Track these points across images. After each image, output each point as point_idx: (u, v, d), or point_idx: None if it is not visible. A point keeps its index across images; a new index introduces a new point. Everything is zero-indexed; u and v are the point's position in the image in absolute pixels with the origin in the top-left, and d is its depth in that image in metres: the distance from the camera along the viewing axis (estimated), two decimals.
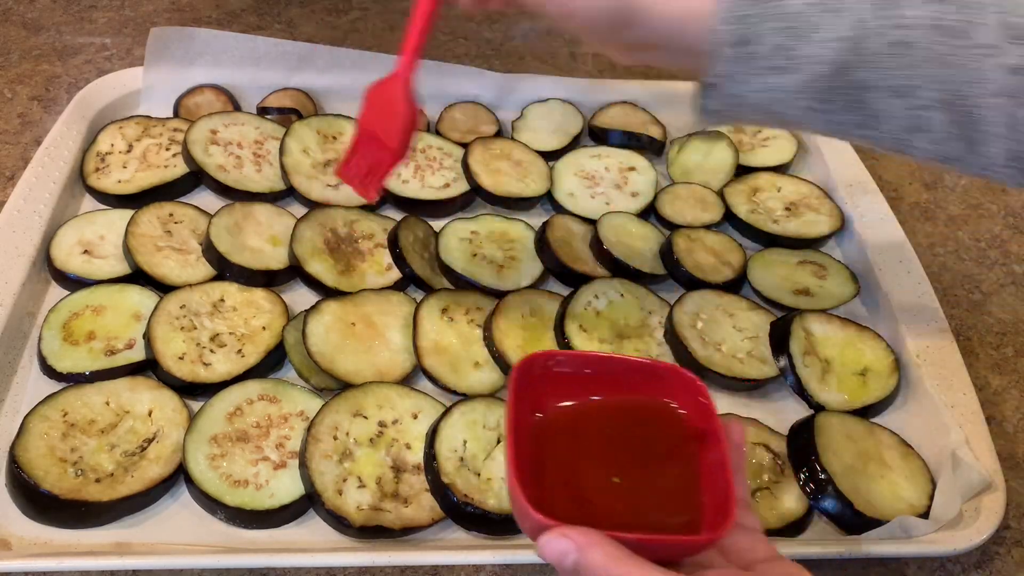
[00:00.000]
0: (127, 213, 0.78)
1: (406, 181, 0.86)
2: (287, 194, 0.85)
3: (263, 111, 0.92)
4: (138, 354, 0.69)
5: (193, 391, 0.67)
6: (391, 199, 0.85)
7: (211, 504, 0.60)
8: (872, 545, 0.61)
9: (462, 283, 0.77)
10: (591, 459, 0.51)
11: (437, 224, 0.83)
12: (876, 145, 0.55)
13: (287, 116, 0.91)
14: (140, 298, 0.72)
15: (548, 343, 0.73)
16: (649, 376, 0.53)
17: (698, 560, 0.47)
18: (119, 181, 0.83)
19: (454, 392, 0.69)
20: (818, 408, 0.70)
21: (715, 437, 0.50)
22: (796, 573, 0.46)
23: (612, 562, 0.42)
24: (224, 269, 0.75)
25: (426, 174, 0.87)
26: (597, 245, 0.81)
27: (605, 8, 0.54)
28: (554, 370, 0.53)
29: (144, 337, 0.69)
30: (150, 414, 0.65)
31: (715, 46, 0.51)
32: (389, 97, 0.63)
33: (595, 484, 0.50)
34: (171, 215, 0.79)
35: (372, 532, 0.59)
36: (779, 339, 0.73)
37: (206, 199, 0.84)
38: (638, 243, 0.82)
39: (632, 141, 0.94)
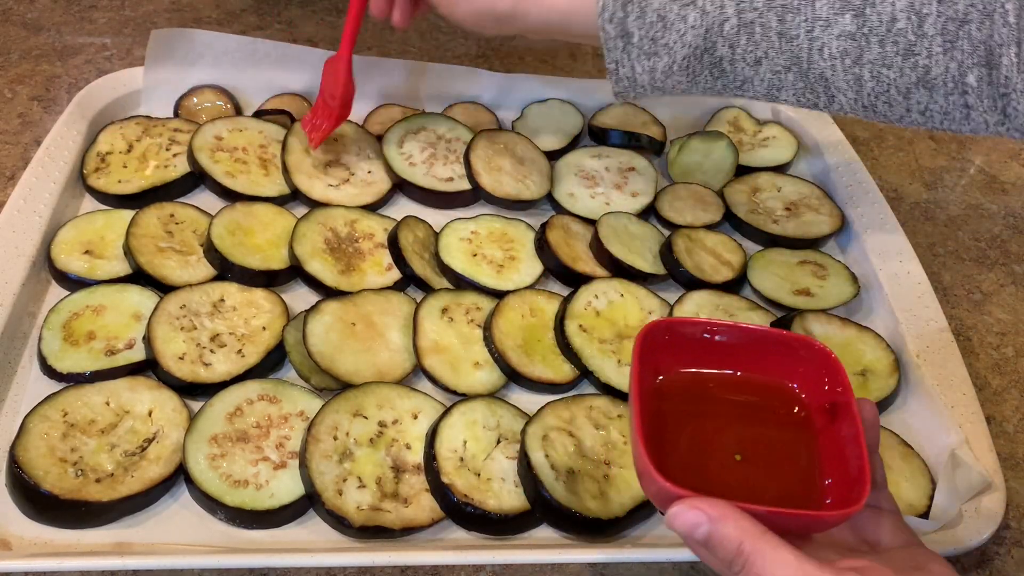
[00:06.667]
0: (128, 213, 0.78)
1: (414, 164, 0.86)
2: (294, 198, 0.85)
3: (259, 115, 0.92)
4: (138, 354, 0.69)
5: (193, 391, 0.67)
6: (390, 176, 0.86)
7: (211, 504, 0.60)
8: None
9: (462, 283, 0.77)
10: (714, 428, 0.51)
11: (436, 216, 0.83)
12: (752, 100, 0.67)
13: (282, 118, 0.91)
14: (140, 298, 0.72)
15: (548, 343, 0.73)
16: (778, 346, 0.52)
17: (830, 539, 0.46)
18: (119, 181, 0.83)
19: (454, 392, 0.69)
20: None
21: (848, 412, 0.48)
22: (940, 568, 0.44)
23: (747, 537, 0.41)
24: (226, 270, 0.75)
25: (436, 163, 0.87)
26: (597, 245, 0.81)
27: (489, 10, 0.68)
28: (679, 337, 0.52)
29: (144, 337, 0.69)
30: (150, 414, 0.65)
31: (604, 40, 0.64)
32: (335, 73, 0.83)
33: (716, 453, 0.49)
34: (172, 216, 0.79)
35: (372, 532, 0.60)
36: None
37: (207, 199, 0.84)
38: (638, 243, 0.82)
39: (632, 141, 0.94)
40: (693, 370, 0.53)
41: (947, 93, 0.58)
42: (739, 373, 0.53)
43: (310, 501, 0.61)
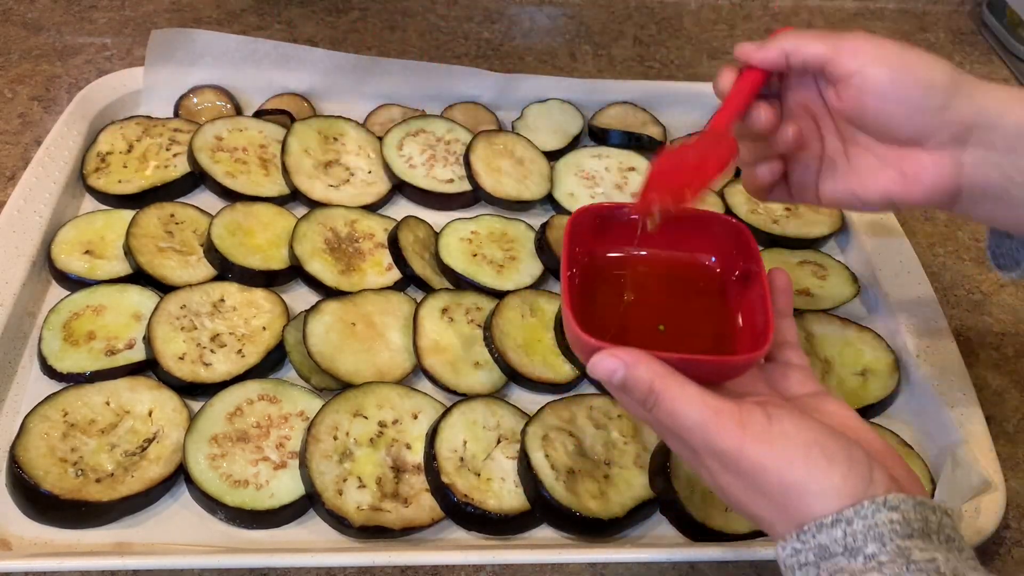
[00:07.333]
0: (128, 213, 0.78)
1: (414, 166, 0.86)
2: (294, 198, 0.85)
3: (259, 115, 0.92)
4: (138, 354, 0.69)
5: (193, 391, 0.67)
6: (390, 177, 0.86)
7: (211, 504, 0.60)
8: None
9: (462, 283, 0.77)
10: (639, 302, 0.55)
11: (436, 216, 0.83)
12: None
13: (282, 118, 0.91)
14: (140, 298, 0.72)
15: (548, 343, 0.73)
16: (695, 224, 0.57)
17: (742, 389, 0.50)
18: (119, 181, 0.83)
19: (454, 392, 0.69)
20: None
21: (757, 277, 0.53)
22: (839, 409, 0.48)
23: (657, 378, 0.45)
24: (226, 270, 0.75)
25: (436, 165, 0.87)
26: None
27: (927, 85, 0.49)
28: (606, 221, 0.57)
29: (144, 337, 0.69)
30: (150, 414, 0.65)
31: None
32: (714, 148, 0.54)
33: (642, 323, 0.54)
34: (172, 216, 0.79)
35: (372, 532, 0.60)
36: None
37: (207, 199, 0.84)
38: None
39: (632, 141, 0.94)
40: (620, 251, 0.57)
41: None
42: (662, 251, 0.58)
43: (310, 501, 0.61)
